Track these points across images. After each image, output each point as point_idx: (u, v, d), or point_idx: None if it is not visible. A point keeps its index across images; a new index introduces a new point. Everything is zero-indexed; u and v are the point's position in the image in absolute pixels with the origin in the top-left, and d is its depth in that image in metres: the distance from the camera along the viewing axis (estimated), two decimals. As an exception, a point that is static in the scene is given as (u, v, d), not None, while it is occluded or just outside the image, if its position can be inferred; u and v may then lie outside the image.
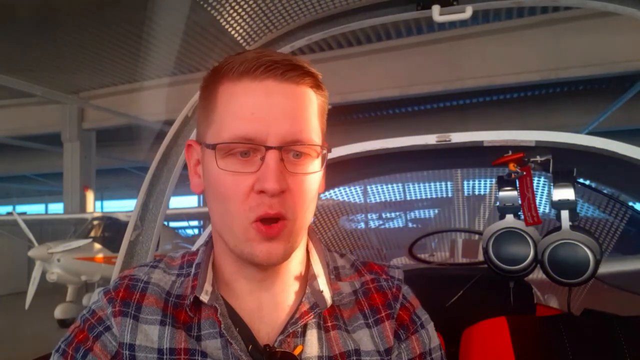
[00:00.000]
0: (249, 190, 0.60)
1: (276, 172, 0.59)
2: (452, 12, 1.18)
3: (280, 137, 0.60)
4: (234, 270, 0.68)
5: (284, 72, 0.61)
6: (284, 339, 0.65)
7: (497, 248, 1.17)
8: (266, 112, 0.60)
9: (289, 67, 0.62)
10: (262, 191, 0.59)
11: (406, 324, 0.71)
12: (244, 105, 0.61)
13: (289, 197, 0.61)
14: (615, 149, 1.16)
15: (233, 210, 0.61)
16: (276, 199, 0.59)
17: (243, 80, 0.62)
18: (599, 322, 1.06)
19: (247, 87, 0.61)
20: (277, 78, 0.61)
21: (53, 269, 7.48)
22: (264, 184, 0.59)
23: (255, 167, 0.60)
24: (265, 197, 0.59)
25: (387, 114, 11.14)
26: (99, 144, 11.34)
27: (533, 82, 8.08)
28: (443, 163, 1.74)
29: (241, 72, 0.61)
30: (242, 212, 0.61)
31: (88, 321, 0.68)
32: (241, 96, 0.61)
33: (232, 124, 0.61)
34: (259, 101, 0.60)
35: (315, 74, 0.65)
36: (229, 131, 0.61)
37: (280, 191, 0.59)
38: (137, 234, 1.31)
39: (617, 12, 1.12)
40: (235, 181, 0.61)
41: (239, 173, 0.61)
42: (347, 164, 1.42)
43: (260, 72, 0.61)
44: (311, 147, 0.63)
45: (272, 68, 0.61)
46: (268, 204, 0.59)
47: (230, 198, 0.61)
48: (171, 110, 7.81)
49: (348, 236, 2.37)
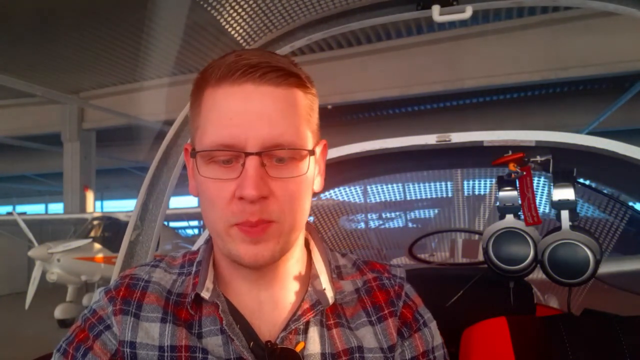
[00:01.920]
0: (231, 197, 0.60)
1: (255, 179, 0.58)
2: (452, 12, 1.18)
3: (260, 143, 0.59)
4: (230, 269, 0.69)
5: (262, 75, 0.59)
6: (285, 336, 0.65)
7: (497, 248, 1.17)
8: (244, 117, 0.59)
9: (268, 69, 0.60)
10: (242, 197, 0.58)
11: (409, 322, 0.72)
12: (222, 111, 0.60)
13: (273, 202, 0.60)
14: (615, 149, 1.16)
15: (217, 215, 0.61)
16: (257, 206, 0.59)
17: (222, 85, 0.60)
18: (599, 322, 1.06)
19: (226, 92, 0.60)
20: (255, 81, 0.60)
21: (53, 269, 7.48)
22: (243, 190, 0.58)
23: (236, 174, 0.59)
24: (245, 203, 0.59)
25: (387, 114, 11.15)
26: (99, 144, 11.35)
27: (533, 82, 8.09)
28: (443, 163, 1.74)
29: (220, 76, 0.60)
30: (224, 217, 0.61)
31: (89, 320, 0.68)
32: (220, 102, 0.60)
33: (211, 131, 0.60)
34: (237, 106, 0.59)
35: (297, 74, 0.63)
36: (209, 138, 0.60)
37: (259, 197, 0.58)
38: (137, 234, 1.31)
39: (617, 12, 1.12)
40: (218, 188, 0.60)
41: (220, 180, 0.60)
42: (347, 164, 1.42)
43: (238, 76, 0.59)
44: (294, 151, 0.61)
45: (250, 71, 0.59)
46: (249, 212, 0.59)
47: (214, 204, 0.61)
48: (171, 110, 7.82)
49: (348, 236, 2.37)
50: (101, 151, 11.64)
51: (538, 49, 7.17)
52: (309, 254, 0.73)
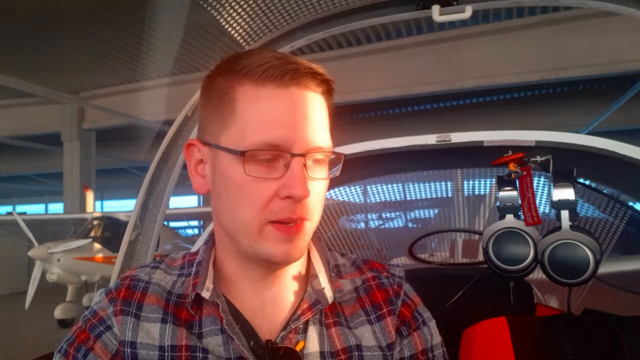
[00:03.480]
0: (272, 196, 0.61)
1: (304, 179, 0.60)
2: (452, 12, 1.17)
3: (305, 144, 0.61)
4: (238, 269, 0.69)
5: (307, 80, 0.62)
6: (285, 335, 0.65)
7: (497, 248, 1.17)
8: (292, 119, 0.61)
9: (311, 75, 0.63)
10: (289, 197, 0.60)
11: (408, 321, 0.72)
12: (269, 111, 0.61)
13: (309, 201, 0.62)
14: (615, 149, 1.16)
15: (253, 213, 0.62)
16: (299, 204, 0.61)
17: (267, 85, 0.61)
18: (599, 322, 1.06)
19: (271, 93, 0.61)
20: (300, 85, 0.62)
21: (53, 269, 7.48)
22: (292, 190, 0.60)
23: (279, 173, 0.61)
24: (290, 202, 0.61)
25: (387, 114, 11.15)
26: (99, 144, 11.35)
27: (533, 82, 8.09)
28: (443, 163, 1.73)
29: (266, 77, 0.61)
30: (261, 215, 0.62)
31: (89, 321, 0.68)
32: (266, 102, 0.61)
33: (257, 130, 0.61)
34: (285, 108, 0.61)
35: (330, 81, 0.66)
36: (255, 136, 0.60)
37: (306, 197, 0.61)
38: (137, 234, 1.31)
39: (617, 12, 1.12)
40: (259, 187, 0.61)
41: (263, 179, 0.61)
42: (347, 164, 1.41)
43: (287, 80, 0.61)
44: (327, 154, 0.65)
45: (297, 76, 0.62)
46: (291, 209, 0.61)
47: (252, 202, 0.62)
48: (171, 110, 7.81)
49: (348, 236, 2.37)
50: (101, 151, 11.64)
51: (538, 49, 7.17)
52: (308, 254, 0.74)
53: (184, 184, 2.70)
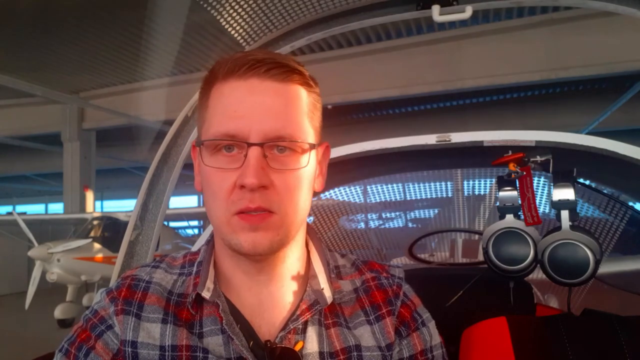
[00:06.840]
0: (232, 186, 0.62)
1: (256, 168, 0.60)
2: (452, 12, 1.17)
3: (262, 134, 0.61)
4: (231, 264, 0.69)
5: (267, 70, 0.62)
6: (284, 335, 0.65)
7: (497, 248, 1.17)
8: (248, 109, 0.62)
9: (273, 65, 0.63)
10: (243, 186, 0.60)
11: (407, 321, 0.72)
12: (228, 103, 0.63)
13: (273, 192, 0.62)
14: (615, 149, 1.15)
15: (219, 205, 0.63)
16: (257, 194, 0.61)
17: (229, 79, 0.63)
18: (599, 322, 1.06)
19: (232, 86, 0.63)
20: (260, 76, 0.62)
21: (53, 269, 7.48)
22: (244, 179, 0.60)
23: (239, 164, 0.62)
24: (246, 192, 0.61)
25: (387, 114, 11.14)
26: (99, 144, 11.34)
27: (533, 82, 8.08)
28: (443, 163, 1.73)
29: (227, 71, 0.63)
30: (225, 206, 0.62)
31: (90, 321, 0.68)
32: (227, 95, 0.63)
33: (216, 122, 0.63)
34: (242, 99, 0.62)
35: (302, 72, 0.66)
36: (214, 128, 0.63)
37: (259, 186, 0.60)
38: (137, 233, 1.31)
39: (617, 12, 1.12)
40: (221, 177, 0.63)
41: (223, 169, 0.62)
42: (347, 164, 1.42)
43: (244, 71, 0.62)
44: (295, 144, 0.63)
45: (256, 67, 0.62)
46: (249, 198, 0.61)
47: (216, 193, 0.63)
48: (171, 110, 7.81)
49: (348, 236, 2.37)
50: (101, 151, 11.64)
51: (538, 49, 7.16)
52: (307, 255, 0.74)
53: (184, 184, 2.69)
